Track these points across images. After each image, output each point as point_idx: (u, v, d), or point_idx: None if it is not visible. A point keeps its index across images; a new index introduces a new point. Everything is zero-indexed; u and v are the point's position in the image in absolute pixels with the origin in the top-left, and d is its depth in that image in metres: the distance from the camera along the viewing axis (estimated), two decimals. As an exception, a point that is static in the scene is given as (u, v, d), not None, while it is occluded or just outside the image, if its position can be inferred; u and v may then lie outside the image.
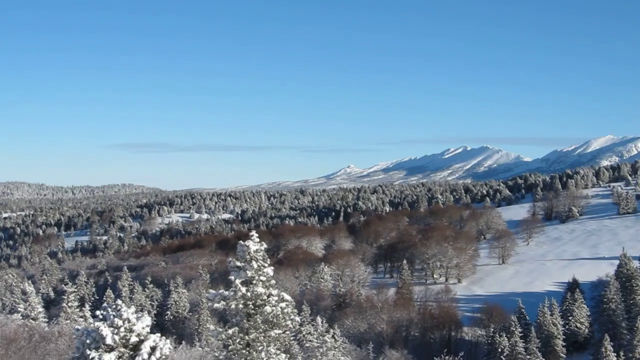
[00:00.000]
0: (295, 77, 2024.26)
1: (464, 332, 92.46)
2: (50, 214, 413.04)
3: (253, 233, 24.85)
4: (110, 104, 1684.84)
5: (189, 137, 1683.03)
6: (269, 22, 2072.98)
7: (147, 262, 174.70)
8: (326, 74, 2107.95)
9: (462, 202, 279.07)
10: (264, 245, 24.60)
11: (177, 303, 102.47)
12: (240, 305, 23.63)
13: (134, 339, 17.80)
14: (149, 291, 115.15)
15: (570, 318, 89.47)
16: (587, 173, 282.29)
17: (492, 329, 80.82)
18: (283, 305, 24.07)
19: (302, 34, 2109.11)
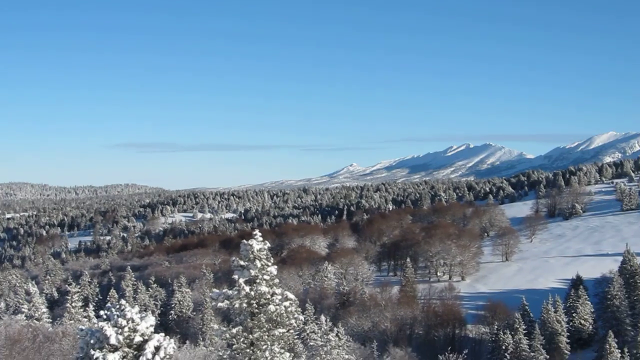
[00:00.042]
0: (298, 76, 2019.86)
1: (468, 329, 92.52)
2: (54, 215, 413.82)
3: (256, 232, 24.85)
4: (112, 103, 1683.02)
5: (192, 137, 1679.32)
6: (271, 20, 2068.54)
7: (151, 261, 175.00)
8: (328, 72, 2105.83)
9: (465, 199, 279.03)
10: (268, 244, 24.58)
11: (181, 302, 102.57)
12: (244, 304, 23.62)
13: (138, 338, 17.81)
14: (153, 291, 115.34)
15: (574, 315, 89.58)
16: (590, 170, 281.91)
17: (496, 327, 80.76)
18: (287, 304, 24.05)
19: (304, 32, 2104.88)
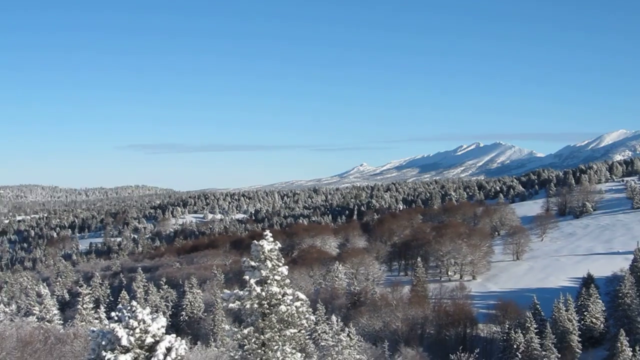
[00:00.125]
0: (309, 76, 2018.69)
1: (479, 329, 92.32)
2: (64, 216, 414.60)
3: (267, 232, 24.80)
4: (122, 105, 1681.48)
5: (202, 138, 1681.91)
6: (280, 21, 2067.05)
7: (162, 263, 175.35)
8: (339, 73, 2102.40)
9: (475, 198, 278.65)
10: (278, 245, 24.53)
11: (192, 303, 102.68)
12: (255, 305, 23.60)
13: (149, 339, 17.81)
14: (164, 292, 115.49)
15: (585, 313, 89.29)
16: (601, 168, 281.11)
17: (507, 326, 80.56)
18: (298, 304, 24.01)
19: (315, 32, 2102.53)
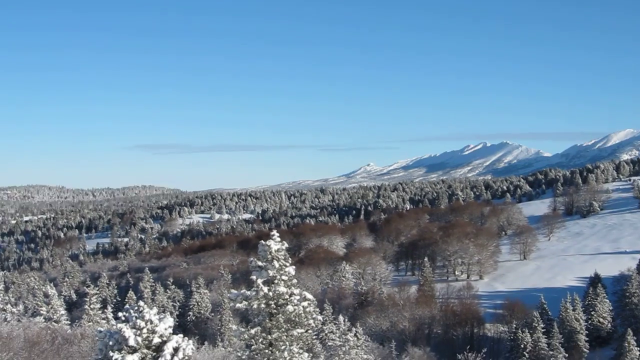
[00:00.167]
0: (315, 76, 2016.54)
1: (486, 328, 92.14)
2: (71, 217, 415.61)
3: (274, 232, 24.78)
4: (130, 105, 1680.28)
5: (209, 138, 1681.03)
6: (287, 21, 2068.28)
7: (169, 263, 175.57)
8: (346, 73, 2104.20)
9: (482, 198, 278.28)
10: (285, 245, 24.50)
11: (199, 304, 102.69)
12: (262, 305, 23.56)
13: (156, 340, 17.78)
14: (171, 292, 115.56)
15: (592, 313, 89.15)
16: (608, 167, 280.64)
17: (515, 325, 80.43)
18: (305, 304, 23.96)
19: (321, 31, 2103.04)
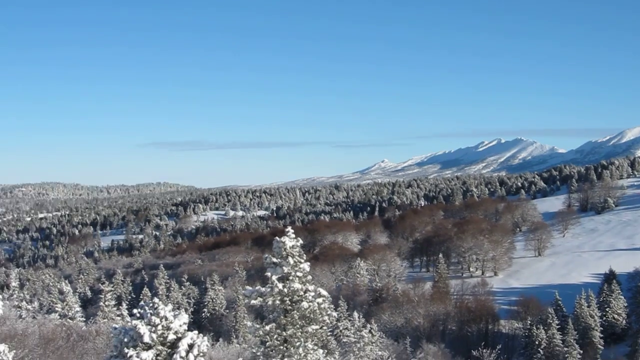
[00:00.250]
0: (329, 72, 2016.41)
1: (501, 325, 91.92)
2: (86, 214, 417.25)
3: (289, 229, 24.76)
4: (145, 102, 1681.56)
5: (223, 135, 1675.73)
6: (299, 16, 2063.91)
7: (183, 260, 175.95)
8: (359, 68, 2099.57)
9: (497, 194, 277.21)
10: (300, 241, 24.48)
11: (214, 300, 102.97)
12: (277, 302, 23.57)
13: (171, 336, 17.77)
14: (186, 289, 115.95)
15: (607, 309, 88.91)
16: (622, 163, 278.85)
17: (529, 322, 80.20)
18: (320, 300, 23.94)
19: (334, 27, 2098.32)
